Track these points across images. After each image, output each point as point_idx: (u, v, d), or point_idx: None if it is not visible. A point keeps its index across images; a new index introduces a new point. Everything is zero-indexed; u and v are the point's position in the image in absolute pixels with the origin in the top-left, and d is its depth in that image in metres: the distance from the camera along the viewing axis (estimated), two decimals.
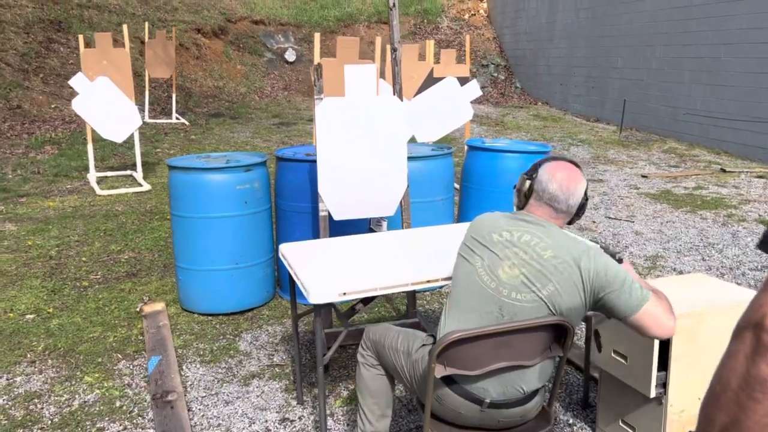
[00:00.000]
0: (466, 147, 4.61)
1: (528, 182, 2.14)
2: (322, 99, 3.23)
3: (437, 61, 6.88)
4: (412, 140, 6.38)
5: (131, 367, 3.34)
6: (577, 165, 2.16)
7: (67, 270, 4.63)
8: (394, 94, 3.39)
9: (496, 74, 16.56)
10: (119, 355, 3.45)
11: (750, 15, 8.98)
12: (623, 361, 2.47)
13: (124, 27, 6.97)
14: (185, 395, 3.07)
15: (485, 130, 11.75)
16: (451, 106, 6.24)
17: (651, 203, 6.49)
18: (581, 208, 2.13)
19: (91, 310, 4.00)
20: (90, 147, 6.69)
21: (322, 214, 3.36)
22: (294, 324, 2.91)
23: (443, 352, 1.94)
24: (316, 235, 3.78)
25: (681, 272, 4.57)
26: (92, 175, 6.72)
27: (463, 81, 6.37)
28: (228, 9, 16.56)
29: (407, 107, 6.07)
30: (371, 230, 4.35)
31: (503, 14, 16.99)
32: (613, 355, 2.53)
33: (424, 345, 2.17)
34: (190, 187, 3.73)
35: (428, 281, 2.47)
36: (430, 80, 6.21)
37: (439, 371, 1.95)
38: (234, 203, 3.76)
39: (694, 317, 2.28)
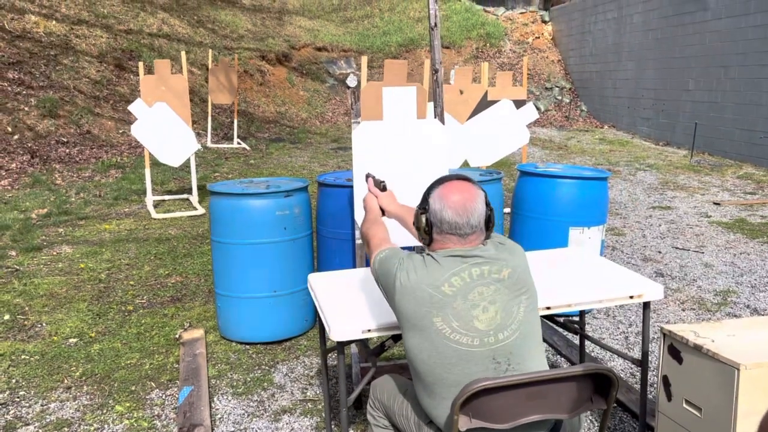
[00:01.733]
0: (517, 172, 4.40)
1: (424, 217, 1.91)
2: (359, 122, 3.11)
3: (493, 84, 6.69)
4: (466, 165, 6.19)
5: (163, 396, 3.27)
6: (466, 178, 1.93)
7: (114, 294, 4.65)
8: (435, 117, 3.23)
9: (560, 97, 16.17)
10: (153, 384, 3.38)
11: None
12: (697, 413, 2.19)
13: (183, 54, 7.11)
14: (213, 429, 2.96)
15: (547, 154, 11.41)
16: (506, 129, 6.03)
17: (723, 233, 6.04)
18: (488, 220, 1.90)
19: (132, 335, 3.98)
20: (147, 171, 6.82)
21: (358, 242, 3.22)
22: (323, 359, 2.76)
23: (467, 403, 1.74)
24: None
25: (756, 310, 4.17)
26: (149, 199, 6.83)
27: (520, 104, 6.16)
28: (292, 36, 16.89)
29: (461, 131, 5.91)
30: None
31: (569, 36, 16.64)
32: (684, 405, 2.26)
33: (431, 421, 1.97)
34: (228, 212, 3.66)
35: None
36: (485, 103, 6.02)
37: (464, 423, 1.75)
38: (273, 229, 3.67)
39: (764, 368, 2.00)
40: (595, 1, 15.24)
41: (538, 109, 15.87)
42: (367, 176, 2.56)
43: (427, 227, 1.91)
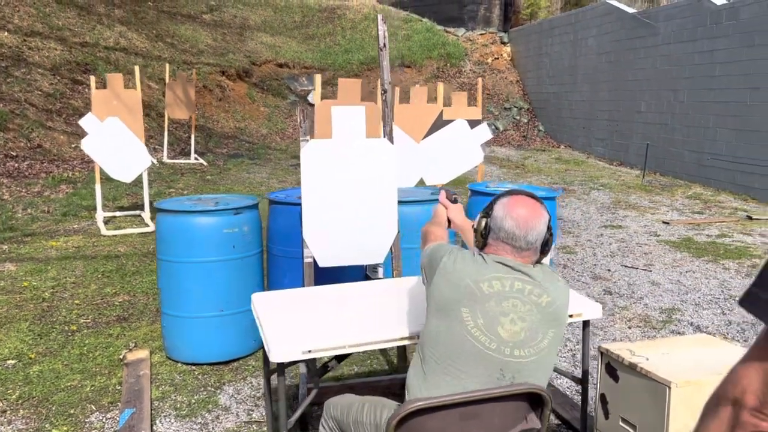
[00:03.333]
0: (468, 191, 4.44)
1: (484, 220, 1.97)
2: (308, 140, 3.10)
3: (448, 104, 6.77)
4: (422, 183, 6.23)
5: (104, 419, 3.17)
6: (536, 198, 1.98)
7: (58, 313, 4.51)
8: (384, 136, 3.25)
9: (518, 117, 16.44)
10: (93, 407, 3.28)
11: None
12: (631, 430, 2.23)
13: (136, 68, 7.02)
14: None
15: (505, 173, 11.56)
16: (460, 148, 6.09)
17: (671, 251, 6.20)
18: (545, 243, 1.95)
19: (74, 356, 3.86)
20: (98, 186, 6.67)
21: (307, 260, 3.20)
22: (265, 380, 2.72)
23: (403, 423, 1.73)
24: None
25: (698, 327, 4.27)
26: (99, 215, 6.68)
27: (474, 124, 6.23)
28: (253, 52, 16.83)
29: (416, 149, 5.94)
30: (367, 277, 4.17)
31: (527, 58, 16.96)
32: (621, 423, 2.29)
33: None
34: (175, 230, 3.60)
35: (402, 339, 2.28)
36: (440, 122, 6.07)
37: None
38: (221, 247, 3.62)
39: (694, 385, 2.04)
40: (552, 23, 15.59)
41: (497, 128, 16.11)
42: (440, 188, 2.62)
43: (485, 231, 1.96)
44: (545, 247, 1.98)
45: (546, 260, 4.12)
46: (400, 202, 3.99)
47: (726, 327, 4.26)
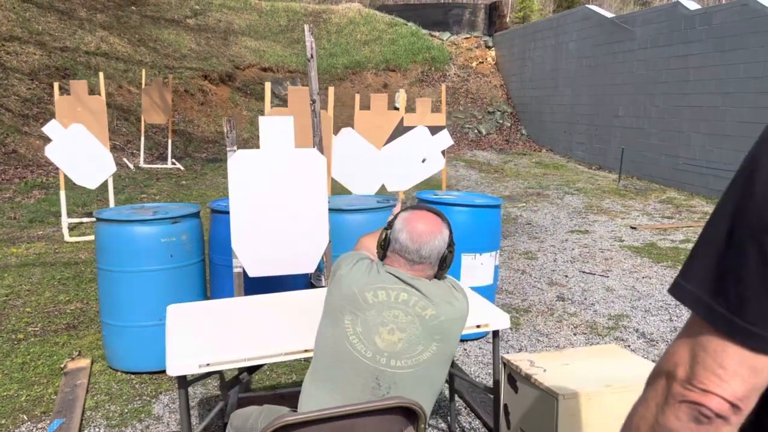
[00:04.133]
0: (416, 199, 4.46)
1: (385, 233, 1.99)
2: (234, 151, 3.11)
3: (411, 110, 6.79)
4: (383, 189, 6.25)
5: (34, 430, 3.17)
6: (438, 213, 2.00)
7: (8, 321, 4.51)
8: (314, 147, 3.26)
9: (501, 121, 16.48)
10: (25, 417, 3.28)
11: (747, 64, 8.78)
12: None
13: (101, 75, 7.02)
14: None
15: (483, 177, 11.59)
16: (422, 155, 6.10)
17: (631, 257, 6.22)
18: (444, 260, 1.96)
19: (16, 365, 3.86)
20: (62, 193, 6.67)
21: (236, 270, 3.21)
22: (180, 391, 2.73)
23: None
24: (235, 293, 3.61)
25: (643, 334, 4.29)
26: (65, 221, 6.68)
27: (436, 131, 6.25)
28: (237, 56, 16.84)
29: (377, 156, 5.96)
30: (312, 285, 4.19)
31: (510, 62, 17.01)
32: None
33: None
34: (113, 239, 3.61)
35: (306, 351, 2.28)
36: (401, 129, 6.09)
37: None
38: (158, 256, 3.62)
39: (583, 397, 2.05)
40: (535, 27, 15.64)
41: (479, 132, 16.14)
42: (403, 199, 2.61)
43: (384, 243, 1.99)
44: (443, 263, 2.00)
45: (489, 266, 4.13)
46: (343, 211, 4.01)
47: (671, 333, 4.28)
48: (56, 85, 6.61)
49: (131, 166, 10.73)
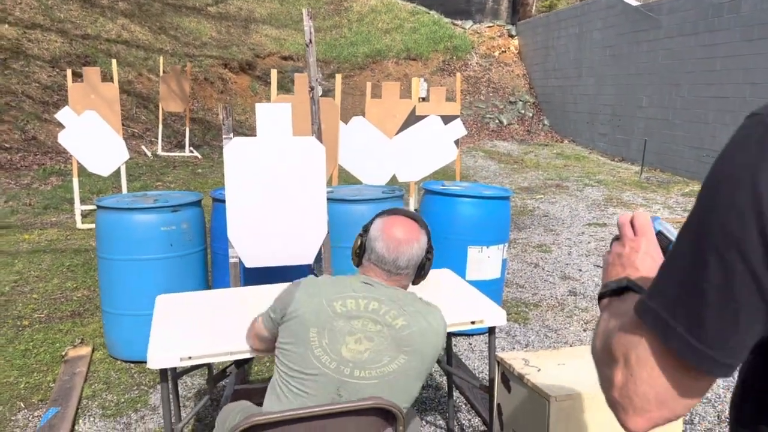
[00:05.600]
0: (422, 190, 4.35)
1: (360, 239, 1.90)
2: (231, 138, 3.05)
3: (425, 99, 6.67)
4: (394, 179, 6.15)
5: (30, 418, 3.16)
6: (415, 218, 1.90)
7: (14, 307, 4.52)
8: (312, 134, 3.18)
9: (523, 111, 16.24)
10: (22, 404, 3.27)
11: None
12: None
13: (113, 62, 7.01)
14: None
15: (502, 168, 11.43)
16: (434, 145, 5.99)
17: None
18: (422, 267, 1.87)
19: (18, 352, 3.86)
20: (75, 180, 6.69)
21: (232, 260, 3.14)
22: (164, 383, 2.67)
23: None
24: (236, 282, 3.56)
25: None
26: (77, 208, 6.70)
27: (449, 120, 6.13)
28: (258, 45, 16.81)
29: (389, 146, 5.86)
30: (314, 274, 4.11)
31: (534, 51, 16.74)
32: None
33: None
34: (112, 227, 3.57)
35: None
36: (413, 118, 5.98)
37: None
38: (158, 245, 3.58)
39: (577, 399, 1.95)
40: (558, 16, 15.35)
41: (500, 122, 15.93)
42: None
43: (359, 250, 1.92)
44: (421, 271, 1.93)
45: (496, 260, 4.02)
46: (347, 201, 3.93)
47: None
48: (69, 71, 6.62)
49: (149, 153, 10.76)
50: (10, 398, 3.32)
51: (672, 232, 0.99)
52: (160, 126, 11.12)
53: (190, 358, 2.12)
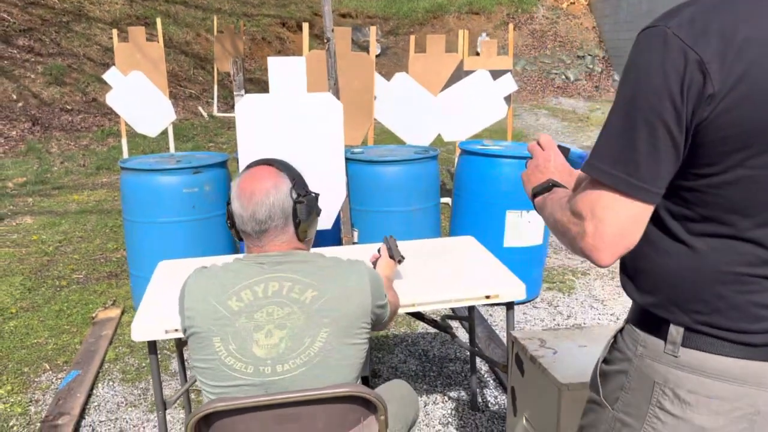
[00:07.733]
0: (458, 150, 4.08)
1: (228, 208, 1.62)
2: (242, 95, 2.87)
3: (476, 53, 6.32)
4: (439, 139, 5.88)
5: (54, 379, 3.16)
6: (272, 163, 1.62)
7: (55, 267, 4.58)
8: (329, 90, 2.96)
9: (591, 66, 15.42)
10: (47, 366, 3.28)
11: None
12: (533, 431, 1.94)
13: (158, 20, 6.94)
14: (83, 419, 2.83)
15: (565, 126, 10.90)
16: (482, 101, 5.65)
17: None
18: (294, 214, 1.56)
19: (52, 312, 3.89)
20: (124, 141, 6.74)
21: None
22: (150, 357, 2.59)
23: (211, 424, 1.52)
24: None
25: None
26: None
27: (498, 75, 5.76)
28: (315, 2, 16.54)
29: (433, 103, 5.57)
30: (341, 241, 3.94)
31: (604, 2, 15.79)
32: (524, 422, 2.00)
33: None
34: (135, 189, 3.50)
35: None
36: (460, 74, 5.66)
37: None
38: (180, 207, 3.48)
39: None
40: None
41: (567, 78, 15.20)
42: (387, 240, 2.12)
43: (230, 221, 1.63)
44: (295, 218, 1.57)
45: (538, 225, 3.72)
46: (374, 162, 3.71)
47: None
48: (114, 32, 6.60)
49: (205, 114, 10.81)
50: (37, 359, 3.34)
51: (567, 145, 1.31)
52: (215, 86, 11.13)
53: (176, 330, 2.00)
